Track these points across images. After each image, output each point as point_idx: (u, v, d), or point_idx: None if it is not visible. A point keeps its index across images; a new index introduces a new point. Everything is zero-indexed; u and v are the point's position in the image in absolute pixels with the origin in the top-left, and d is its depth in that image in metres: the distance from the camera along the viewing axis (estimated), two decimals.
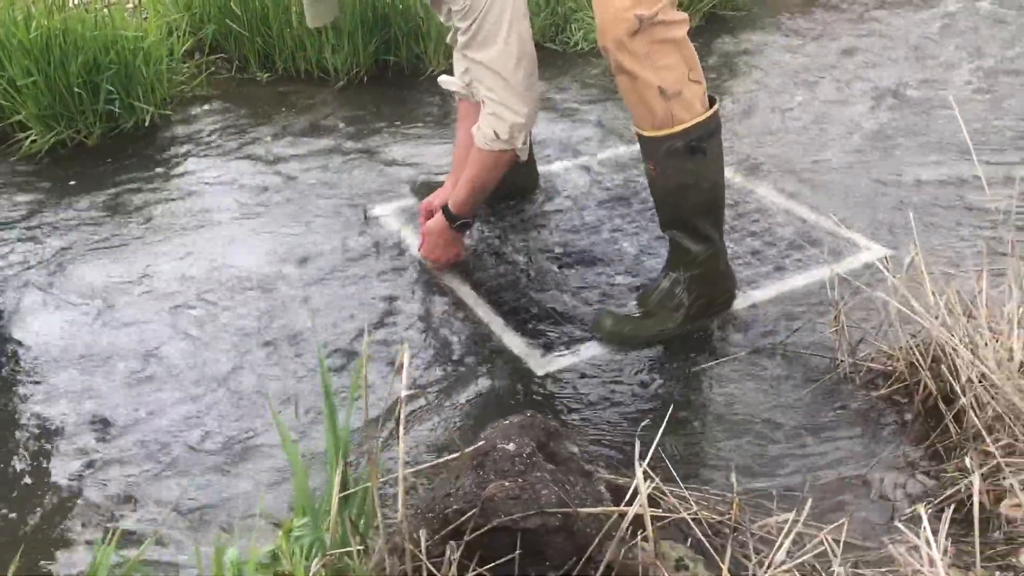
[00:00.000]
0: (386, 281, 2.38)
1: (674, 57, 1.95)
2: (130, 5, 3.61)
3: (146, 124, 3.17)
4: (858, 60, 3.66)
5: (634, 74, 1.94)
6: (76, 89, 3.00)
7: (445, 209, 2.31)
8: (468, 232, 2.43)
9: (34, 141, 3.03)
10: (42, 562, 1.63)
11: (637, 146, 2.96)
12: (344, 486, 1.35)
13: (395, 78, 3.58)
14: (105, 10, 3.14)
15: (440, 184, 2.73)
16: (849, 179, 2.80)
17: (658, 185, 2.10)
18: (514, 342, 2.16)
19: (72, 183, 2.88)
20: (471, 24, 2.05)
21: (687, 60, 1.98)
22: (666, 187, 2.08)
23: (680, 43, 1.96)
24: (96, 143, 3.09)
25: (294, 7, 3.52)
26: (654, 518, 1.45)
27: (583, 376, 2.05)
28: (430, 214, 2.43)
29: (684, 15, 1.97)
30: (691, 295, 2.16)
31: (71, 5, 3.16)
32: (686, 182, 2.05)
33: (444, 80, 2.47)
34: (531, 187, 2.76)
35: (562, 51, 3.78)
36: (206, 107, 3.36)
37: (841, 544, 1.41)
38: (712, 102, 2.04)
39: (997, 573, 1.47)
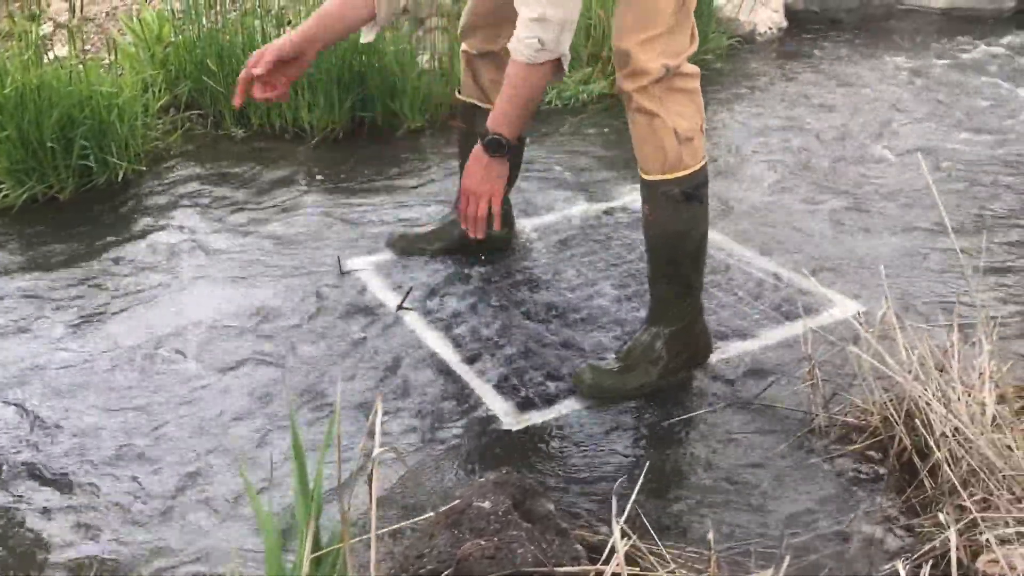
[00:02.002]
0: (361, 335, 2.37)
1: (690, 107, 2.04)
2: (105, 61, 3.63)
3: (119, 179, 3.15)
4: (829, 119, 3.73)
5: (654, 113, 2.00)
6: (49, 144, 2.99)
7: (496, 142, 2.05)
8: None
9: (6, 196, 3.01)
10: None
11: (615, 201, 3.01)
12: (316, 547, 1.32)
13: (370, 134, 3.60)
14: (80, 66, 3.15)
15: (417, 236, 2.74)
16: (821, 235, 2.83)
17: (654, 230, 2.13)
18: (490, 396, 2.14)
19: (43, 238, 2.85)
20: None
21: (699, 111, 2.07)
22: (662, 233, 2.12)
23: (694, 94, 2.06)
24: (69, 198, 3.08)
25: None
26: None
27: (559, 432, 2.04)
28: (262, 57, 2.16)
29: (697, 68, 2.07)
30: (670, 350, 2.16)
31: (46, 60, 3.16)
32: (681, 229, 2.10)
33: None
34: (507, 239, 2.76)
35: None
36: (180, 163, 3.36)
37: None
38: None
39: None
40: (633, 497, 1.53)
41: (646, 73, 1.98)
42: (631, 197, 3.03)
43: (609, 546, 1.40)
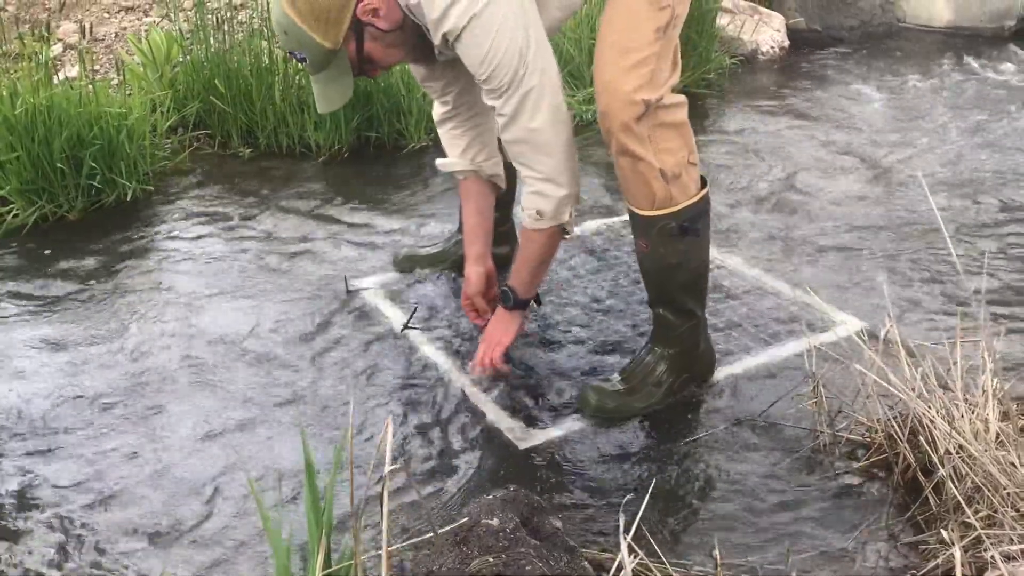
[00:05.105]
0: (369, 355, 2.39)
1: (676, 141, 1.98)
2: (114, 81, 3.67)
3: (128, 199, 3.18)
4: (828, 138, 3.76)
5: (638, 156, 1.94)
6: (59, 164, 3.02)
7: (506, 295, 2.20)
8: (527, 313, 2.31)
9: (16, 215, 3.04)
10: None
11: (617, 218, 3.03)
12: (327, 563, 1.34)
13: (376, 154, 3.63)
14: (89, 87, 3.18)
15: (422, 256, 2.76)
16: (823, 253, 2.85)
17: (648, 263, 2.12)
18: (498, 416, 2.16)
19: (52, 257, 2.87)
20: (510, 98, 1.93)
21: (687, 143, 2.01)
22: (656, 265, 2.10)
23: (681, 126, 1.99)
24: (78, 217, 3.10)
25: (277, 84, 3.59)
26: None
27: (566, 450, 2.05)
28: (479, 304, 2.37)
29: (684, 98, 2.01)
30: (673, 371, 2.17)
31: (56, 81, 3.20)
32: (675, 261, 2.07)
33: (443, 163, 2.41)
34: (509, 257, 2.76)
35: None
36: (188, 182, 3.39)
37: None
38: (703, 183, 2.07)
39: None
40: (640, 514, 1.55)
41: (626, 108, 1.90)
42: None
43: (616, 563, 1.42)
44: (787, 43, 4.87)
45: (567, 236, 2.14)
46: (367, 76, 2.09)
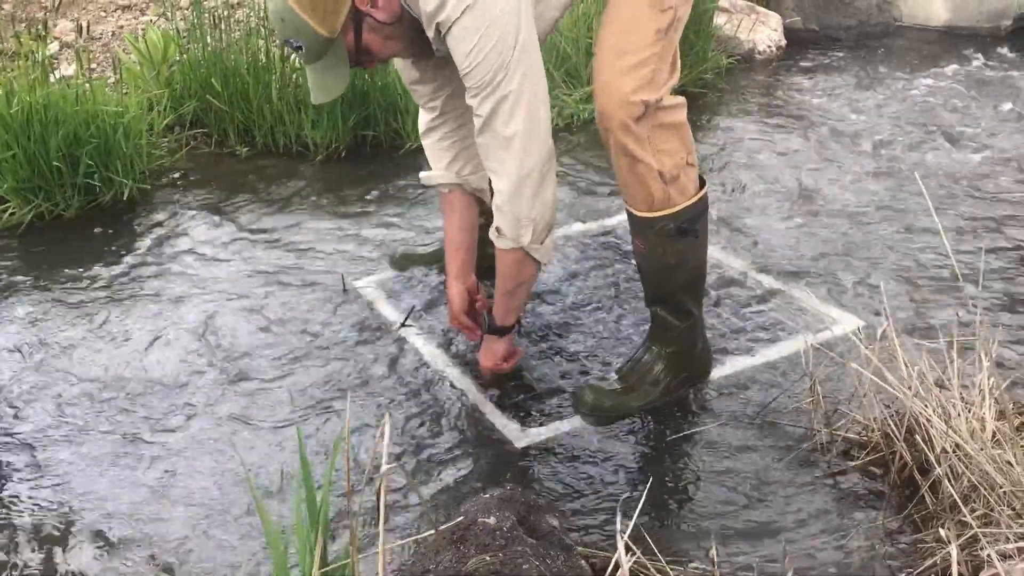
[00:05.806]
0: (366, 354, 2.38)
1: (675, 142, 1.97)
2: (111, 80, 3.66)
3: (125, 197, 3.18)
4: (825, 137, 3.76)
5: (636, 157, 1.93)
6: (55, 163, 3.02)
7: (491, 326, 2.17)
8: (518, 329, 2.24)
9: (12, 214, 3.04)
10: None
11: (614, 219, 3.03)
12: (324, 562, 1.34)
13: (373, 153, 3.63)
14: (86, 85, 3.18)
15: (419, 256, 2.76)
16: (821, 252, 2.85)
17: (646, 263, 2.12)
18: (494, 415, 2.16)
19: (48, 256, 2.87)
20: (487, 99, 1.87)
21: (686, 144, 2.00)
22: (654, 266, 2.10)
23: (680, 127, 1.99)
24: (74, 216, 3.10)
25: (274, 83, 3.58)
26: None
27: (563, 448, 2.05)
28: (466, 322, 2.32)
29: (682, 99, 2.00)
30: (670, 370, 2.17)
31: (52, 80, 3.19)
32: (673, 262, 2.07)
33: (427, 176, 2.37)
34: None
35: None
36: (185, 181, 3.38)
37: None
38: (702, 183, 2.06)
39: None
40: (637, 513, 1.55)
41: (624, 109, 1.89)
42: None
43: (613, 562, 1.42)
44: (784, 43, 4.87)
45: (543, 264, 2.06)
46: (363, 67, 2.04)
